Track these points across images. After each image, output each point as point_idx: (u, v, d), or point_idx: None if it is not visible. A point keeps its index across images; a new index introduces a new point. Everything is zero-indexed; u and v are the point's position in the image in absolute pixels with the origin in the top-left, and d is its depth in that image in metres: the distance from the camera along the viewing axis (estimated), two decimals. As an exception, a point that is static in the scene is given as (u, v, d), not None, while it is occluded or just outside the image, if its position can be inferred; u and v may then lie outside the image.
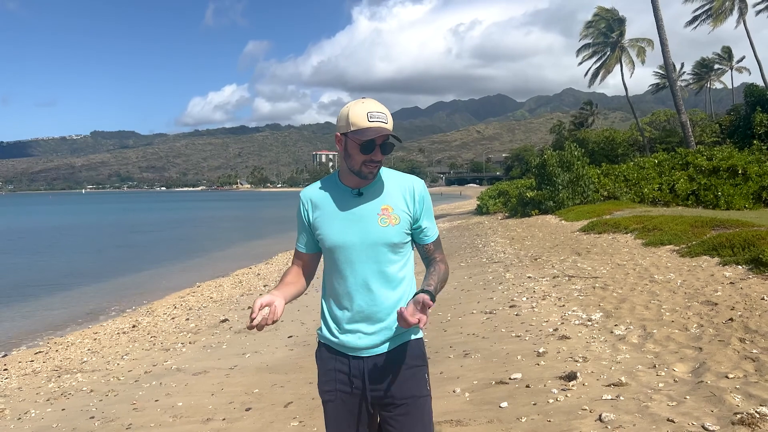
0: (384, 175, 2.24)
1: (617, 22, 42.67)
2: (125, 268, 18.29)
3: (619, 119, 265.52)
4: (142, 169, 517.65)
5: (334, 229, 2.20)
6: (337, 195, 2.23)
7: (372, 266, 2.17)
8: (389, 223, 2.16)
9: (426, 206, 2.24)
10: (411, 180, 2.26)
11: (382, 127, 2.07)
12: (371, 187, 2.21)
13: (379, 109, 2.11)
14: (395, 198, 2.20)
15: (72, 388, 6.43)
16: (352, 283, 2.18)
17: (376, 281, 2.17)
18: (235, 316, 9.61)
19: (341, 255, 2.19)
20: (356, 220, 2.18)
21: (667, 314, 6.16)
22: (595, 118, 70.87)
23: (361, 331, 2.17)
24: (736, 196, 20.14)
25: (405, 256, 2.23)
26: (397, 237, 2.17)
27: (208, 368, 6.57)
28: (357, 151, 2.11)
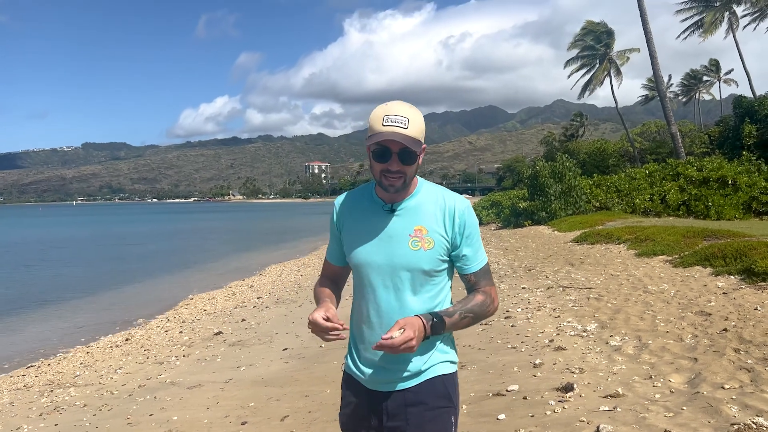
0: (424, 190, 1.98)
1: (606, 35, 43.12)
2: (117, 281, 18.16)
3: (609, 130, 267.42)
4: (134, 181, 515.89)
5: (361, 247, 1.97)
6: (369, 208, 2.00)
7: (397, 293, 1.93)
8: (421, 247, 1.91)
9: (468, 231, 1.95)
10: (453, 199, 1.97)
11: (397, 132, 1.81)
12: (406, 204, 1.95)
13: (400, 112, 1.84)
14: (431, 218, 1.93)
15: (65, 403, 6.36)
16: (374, 310, 1.96)
17: (401, 310, 1.91)
18: (229, 329, 9.55)
19: (365, 276, 1.97)
20: (385, 240, 1.94)
21: (661, 325, 6.19)
22: (586, 129, 71.43)
23: (380, 364, 1.95)
24: (726, 207, 20.31)
25: (438, 285, 1.96)
26: (428, 263, 1.91)
27: (203, 381, 6.52)
28: (373, 161, 1.90)
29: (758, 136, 24.95)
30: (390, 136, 1.80)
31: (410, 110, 1.87)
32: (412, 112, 1.87)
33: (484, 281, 2.00)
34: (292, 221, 64.95)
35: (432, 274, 1.93)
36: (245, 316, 10.53)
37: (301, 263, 20.11)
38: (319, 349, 7.43)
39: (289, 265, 19.85)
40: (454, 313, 1.91)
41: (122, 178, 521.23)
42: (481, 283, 2.00)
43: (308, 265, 19.25)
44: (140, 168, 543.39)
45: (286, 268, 18.61)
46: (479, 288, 1.99)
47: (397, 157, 1.85)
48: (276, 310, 10.81)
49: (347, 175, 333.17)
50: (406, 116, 1.84)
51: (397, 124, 1.82)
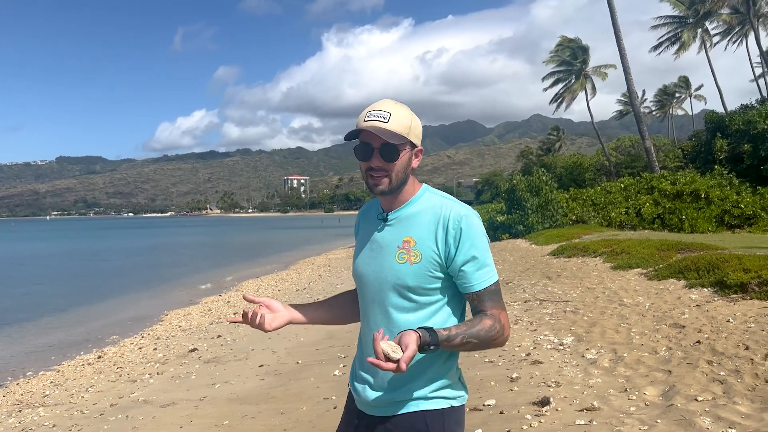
0: (423, 199, 1.81)
1: (581, 51, 43.91)
2: (90, 298, 17.82)
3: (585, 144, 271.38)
4: (109, 195, 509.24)
5: (358, 258, 1.88)
6: (372, 217, 1.89)
7: (384, 310, 1.78)
8: (407, 260, 1.73)
9: (467, 244, 1.71)
10: (449, 208, 1.75)
11: (376, 125, 1.69)
12: (400, 213, 1.81)
13: (382, 107, 1.73)
14: (423, 229, 1.75)
15: (33, 424, 6.19)
16: (365, 327, 1.86)
17: (390, 330, 1.74)
18: (205, 346, 9.42)
19: (360, 288, 1.87)
20: (376, 251, 1.81)
21: (636, 337, 6.24)
22: (563, 143, 72.42)
23: (368, 383, 1.81)
24: (699, 220, 20.68)
25: (430, 306, 1.75)
26: (414, 279, 1.72)
27: (177, 400, 6.40)
28: (358, 159, 1.77)
29: (729, 150, 25.54)
30: (370, 130, 1.69)
31: (395, 106, 1.75)
32: (397, 108, 1.75)
33: (491, 303, 1.73)
34: (270, 235, 64.53)
35: (420, 292, 1.74)
36: (221, 333, 10.39)
37: (278, 278, 19.95)
38: (295, 365, 7.35)
39: (266, 279, 19.68)
40: (456, 336, 1.64)
41: (97, 193, 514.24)
42: (486, 305, 1.73)
43: (286, 279, 19.10)
44: (116, 182, 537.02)
45: (263, 283, 18.44)
46: (485, 310, 1.73)
47: (379, 153, 1.72)
48: (252, 328, 10.67)
49: (326, 188, 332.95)
50: (388, 111, 1.72)
51: (377, 118, 1.71)
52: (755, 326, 5.97)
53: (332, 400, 5.58)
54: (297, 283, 17.66)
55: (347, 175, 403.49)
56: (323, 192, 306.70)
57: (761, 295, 6.92)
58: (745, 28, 43.78)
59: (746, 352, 5.21)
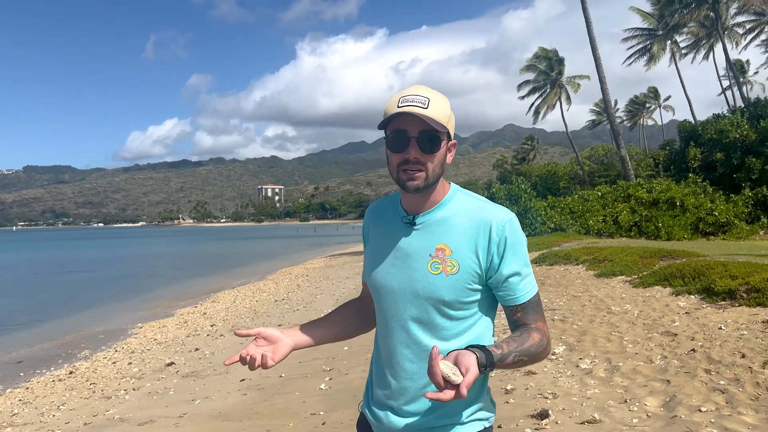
0: (455, 201, 1.61)
1: (557, 62, 44.50)
2: (59, 311, 17.23)
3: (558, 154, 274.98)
4: (79, 205, 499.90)
5: (376, 267, 1.65)
6: (391, 220, 1.66)
7: (412, 327, 1.57)
8: (442, 271, 1.53)
9: (511, 251, 1.54)
10: (491, 212, 1.56)
11: (413, 112, 1.47)
12: (430, 216, 1.59)
13: (419, 92, 1.52)
14: (459, 236, 1.55)
15: (0, 445, 5.84)
16: (387, 345, 1.63)
17: (416, 347, 1.57)
18: (182, 359, 9.09)
19: (379, 302, 1.65)
20: (402, 260, 1.59)
21: (629, 346, 6.14)
22: (537, 152, 73.24)
23: (392, 408, 1.61)
24: (675, 227, 20.92)
25: (466, 321, 1.57)
26: (449, 292, 1.53)
27: (155, 417, 6.10)
28: (389, 151, 1.55)
29: (703, 159, 25.99)
30: (408, 111, 1.47)
31: (432, 92, 1.54)
32: (435, 94, 1.54)
33: (535, 316, 1.58)
34: (245, 245, 63.77)
35: (456, 307, 1.55)
36: (198, 345, 10.06)
37: (255, 288, 19.58)
38: (279, 379, 7.09)
39: (243, 290, 19.30)
40: (508, 355, 1.47)
41: (66, 202, 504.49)
42: (530, 317, 1.57)
43: (263, 290, 18.75)
44: (85, 192, 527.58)
45: (240, 294, 18.07)
46: (529, 323, 1.57)
47: (416, 143, 1.50)
48: (231, 339, 10.37)
49: (302, 198, 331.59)
50: (426, 96, 1.51)
51: (415, 103, 1.49)
52: (748, 333, 5.92)
53: (320, 416, 5.35)
54: (275, 293, 17.34)
55: (323, 184, 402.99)
56: (298, 201, 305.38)
57: (750, 302, 6.89)
58: (711, 41, 44.87)
59: (743, 360, 5.13)
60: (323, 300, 14.25)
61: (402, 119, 1.50)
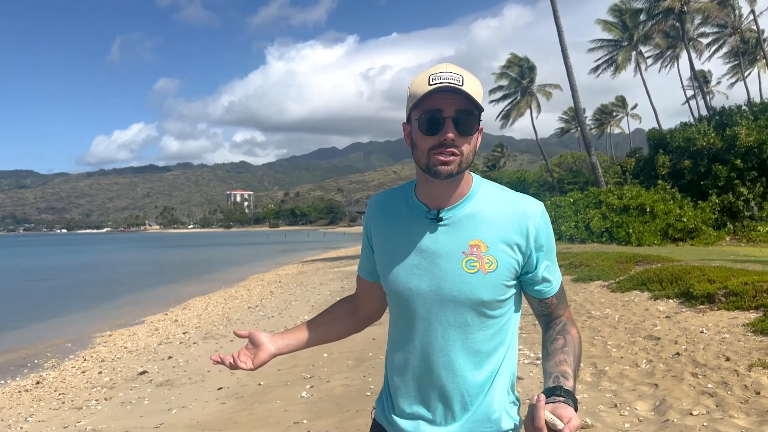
0: (482, 192, 1.48)
1: (528, 69, 45.06)
2: (21, 320, 16.64)
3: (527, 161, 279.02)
4: (41, 210, 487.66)
5: (397, 268, 1.49)
6: (407, 215, 1.50)
7: (445, 332, 1.46)
8: (479, 269, 1.41)
9: (547, 245, 1.47)
10: (523, 203, 1.46)
11: (451, 86, 1.33)
12: (457, 210, 1.45)
13: (452, 69, 1.38)
14: (494, 230, 1.43)
15: (-36, 461, 5.54)
16: (414, 351, 1.49)
17: (451, 354, 1.46)
18: (155, 368, 8.81)
19: (404, 307, 1.49)
20: (430, 259, 1.45)
21: (614, 350, 6.14)
22: (506, 159, 74.12)
23: (423, 419, 1.49)
24: (645, 233, 21.25)
25: (502, 319, 1.47)
26: (489, 292, 1.42)
27: (130, 428, 5.87)
28: (420, 134, 1.40)
29: (671, 166, 26.51)
30: (445, 88, 1.33)
31: (462, 69, 1.40)
32: (466, 71, 1.39)
33: (563, 304, 1.55)
34: (214, 251, 62.85)
35: (494, 306, 1.44)
36: (171, 353, 9.78)
37: (227, 295, 19.22)
38: (258, 387, 6.91)
39: (214, 297, 18.92)
40: (574, 373, 1.41)
41: (28, 208, 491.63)
42: (560, 307, 1.54)
43: (235, 297, 18.41)
44: (48, 197, 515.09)
45: (211, 301, 17.71)
46: (559, 314, 1.53)
47: (452, 124, 1.35)
48: (205, 346, 10.12)
49: (271, 203, 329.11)
50: (459, 73, 1.36)
51: (449, 80, 1.34)
52: (730, 336, 5.98)
53: (303, 424, 5.21)
54: (248, 300, 17.04)
55: (293, 189, 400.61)
56: (268, 207, 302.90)
57: (728, 306, 6.98)
58: (676, 51, 46.03)
59: (728, 363, 5.16)
60: (298, 306, 14.04)
61: (436, 98, 1.35)
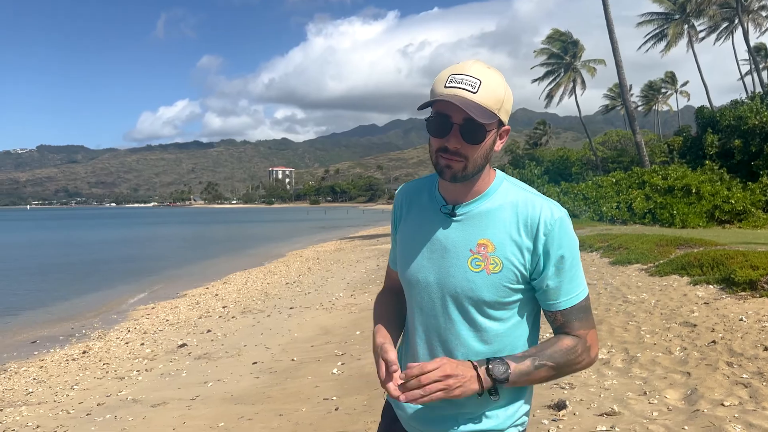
0: (501, 191, 1.47)
1: (571, 44, 43.80)
2: (72, 291, 17.36)
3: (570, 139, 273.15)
4: (91, 185, 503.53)
5: (409, 258, 1.52)
6: (428, 206, 1.53)
7: (449, 326, 1.46)
8: (483, 268, 1.41)
9: (558, 253, 1.40)
10: (539, 206, 1.43)
11: (460, 95, 1.33)
12: (472, 207, 1.45)
13: (472, 71, 1.36)
14: (504, 231, 1.42)
15: (16, 424, 5.86)
16: (419, 341, 1.52)
17: (454, 350, 1.46)
18: (194, 341, 9.10)
19: (412, 297, 1.53)
20: (439, 253, 1.46)
21: (647, 336, 6.04)
22: (549, 137, 72.66)
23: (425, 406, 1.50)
24: (690, 215, 20.64)
25: (508, 321, 1.46)
26: (491, 292, 1.41)
27: (168, 399, 6.10)
28: (430, 135, 1.42)
29: (720, 146, 25.57)
30: (451, 100, 1.32)
31: (487, 71, 1.37)
32: (489, 73, 1.37)
33: (578, 323, 1.44)
34: (256, 227, 63.94)
35: (497, 307, 1.43)
36: (210, 327, 10.07)
37: (267, 270, 19.61)
38: (291, 363, 7.07)
39: (254, 272, 19.32)
40: (524, 358, 1.39)
41: (79, 182, 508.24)
42: (573, 325, 1.44)
43: (274, 272, 18.77)
44: (98, 172, 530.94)
45: (251, 276, 18.09)
46: (570, 331, 1.45)
47: (459, 131, 1.36)
48: (243, 321, 10.38)
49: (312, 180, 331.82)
50: (478, 77, 1.35)
51: (463, 85, 1.34)
52: (770, 325, 5.80)
53: (333, 401, 5.32)
54: (286, 276, 17.35)
55: (333, 166, 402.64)
56: (308, 184, 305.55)
57: (771, 293, 6.75)
58: (732, 25, 43.98)
59: (766, 353, 5.03)
60: (334, 283, 14.23)
61: (446, 102, 1.35)
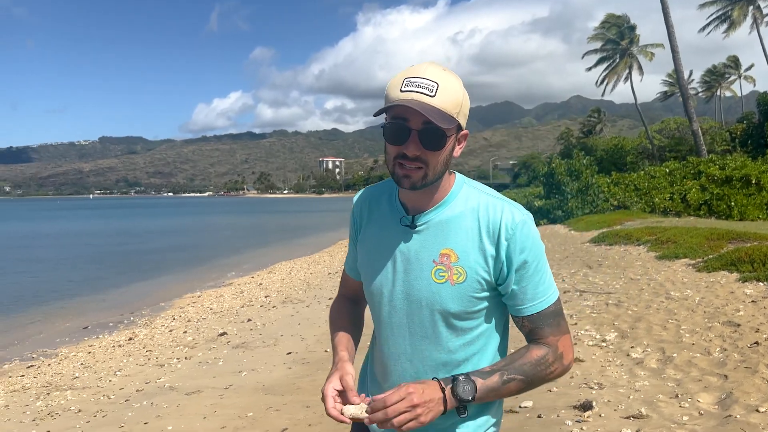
0: (461, 197, 1.41)
1: (628, 29, 42.30)
2: (125, 278, 18.04)
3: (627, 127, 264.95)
4: (150, 175, 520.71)
5: (373, 269, 1.47)
6: (387, 215, 1.47)
7: (414, 341, 1.42)
8: (447, 279, 1.36)
9: (522, 258, 1.35)
10: (499, 210, 1.37)
11: (418, 99, 1.27)
12: (433, 216, 1.40)
13: (428, 74, 1.30)
14: (466, 239, 1.37)
15: (60, 407, 6.13)
16: (388, 353, 1.47)
17: (417, 363, 1.42)
18: (234, 330, 9.31)
19: (378, 309, 1.48)
20: (402, 265, 1.41)
21: (686, 336, 5.81)
22: (603, 125, 70.59)
23: None
24: (749, 207, 19.74)
25: (474, 330, 1.41)
26: (457, 303, 1.37)
27: (202, 387, 6.26)
28: (386, 141, 1.36)
29: (783, 134, 24.32)
30: (409, 104, 1.25)
31: (443, 73, 1.31)
32: (446, 75, 1.31)
33: (548, 329, 1.39)
34: (305, 217, 64.85)
35: (464, 317, 1.39)
36: (251, 316, 10.27)
37: (311, 260, 19.88)
38: (324, 354, 7.14)
39: (299, 262, 19.62)
40: (492, 373, 1.33)
41: (138, 172, 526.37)
42: (542, 331, 1.38)
43: (318, 262, 19.02)
44: (156, 162, 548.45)
45: (296, 266, 18.37)
46: (539, 338, 1.39)
47: (417, 138, 1.29)
48: (283, 310, 10.55)
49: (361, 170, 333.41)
50: (435, 80, 1.28)
51: (420, 89, 1.27)
52: (820, 327, 5.49)
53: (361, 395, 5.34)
54: (329, 266, 17.53)
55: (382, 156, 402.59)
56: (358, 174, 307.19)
57: (825, 292, 6.38)
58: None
59: (812, 356, 4.76)
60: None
61: (402, 107, 1.28)
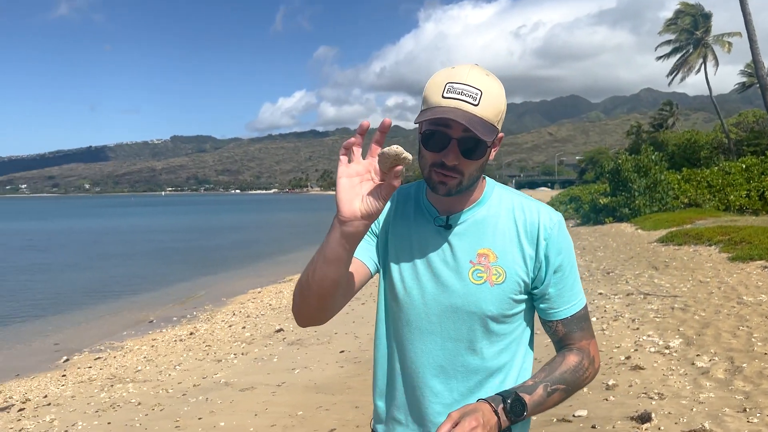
0: (495, 198, 1.38)
1: (702, 18, 40.26)
2: (191, 274, 18.66)
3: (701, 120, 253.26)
4: (218, 172, 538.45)
5: (400, 273, 1.38)
6: (415, 217, 1.41)
7: (446, 347, 1.36)
8: (486, 280, 1.32)
9: (559, 260, 1.33)
10: (536, 211, 1.36)
11: (461, 109, 1.22)
12: (468, 216, 1.36)
13: (471, 80, 1.24)
14: (504, 239, 1.34)
15: (121, 400, 6.38)
16: (413, 358, 1.38)
17: (451, 368, 1.36)
18: (290, 326, 9.43)
19: (407, 316, 1.38)
20: (435, 266, 1.35)
21: (758, 344, 5.44)
22: (676, 119, 67.54)
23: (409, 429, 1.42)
24: (835, 205, 18.42)
25: (509, 337, 1.37)
26: (496, 305, 1.32)
27: (256, 384, 6.37)
28: (423, 147, 1.31)
29: None
30: (450, 114, 1.21)
31: (486, 79, 1.26)
32: (489, 82, 1.26)
33: (579, 333, 1.37)
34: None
35: (500, 320, 1.34)
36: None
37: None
38: (376, 353, 7.12)
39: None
40: (536, 387, 1.30)
41: (207, 170, 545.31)
42: (575, 335, 1.37)
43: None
44: (224, 160, 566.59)
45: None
46: (571, 343, 1.37)
47: (457, 146, 1.25)
48: (339, 308, 10.61)
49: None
50: (479, 87, 1.23)
51: (464, 97, 1.22)
52: None
53: (409, 396, 5.28)
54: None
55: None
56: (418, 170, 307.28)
57: None
58: None
59: None
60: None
61: (444, 114, 1.23)
